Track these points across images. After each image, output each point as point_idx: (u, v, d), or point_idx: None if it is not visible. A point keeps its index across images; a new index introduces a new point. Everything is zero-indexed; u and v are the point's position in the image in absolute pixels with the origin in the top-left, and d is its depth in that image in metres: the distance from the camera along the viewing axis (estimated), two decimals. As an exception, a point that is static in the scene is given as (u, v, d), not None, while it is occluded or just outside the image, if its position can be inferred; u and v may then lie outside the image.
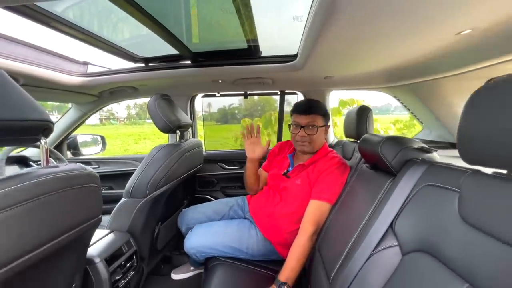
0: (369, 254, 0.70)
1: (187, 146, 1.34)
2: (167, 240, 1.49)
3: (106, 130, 19.30)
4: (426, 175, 0.66)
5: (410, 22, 0.74)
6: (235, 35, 1.19)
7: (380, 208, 0.74)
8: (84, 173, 0.69)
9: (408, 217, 0.65)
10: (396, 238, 0.66)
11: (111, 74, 1.42)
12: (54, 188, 0.59)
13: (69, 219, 0.65)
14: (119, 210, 1.15)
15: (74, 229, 0.67)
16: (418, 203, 0.64)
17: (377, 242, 0.69)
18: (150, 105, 1.23)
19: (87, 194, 0.70)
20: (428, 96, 1.46)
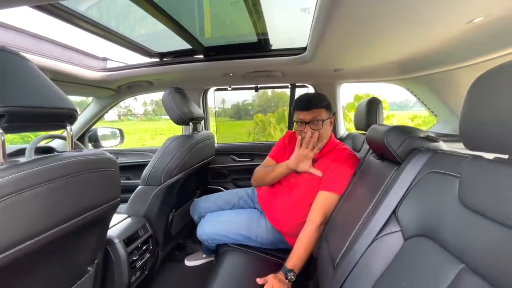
0: (372, 240, 0.72)
1: (199, 137, 1.39)
2: (181, 227, 1.57)
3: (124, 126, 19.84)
4: (430, 162, 0.67)
5: (420, 10, 0.74)
6: (246, 29, 1.22)
7: (384, 196, 0.76)
8: (105, 158, 0.75)
9: (410, 203, 0.67)
10: (399, 224, 0.68)
11: (128, 69, 1.49)
12: (78, 169, 0.65)
13: (91, 199, 0.72)
14: (136, 197, 1.22)
15: (95, 209, 0.73)
16: (420, 190, 0.65)
17: (380, 228, 0.71)
18: (164, 98, 1.29)
19: (107, 177, 0.77)
20: (442, 88, 1.42)
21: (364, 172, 1.01)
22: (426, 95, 1.56)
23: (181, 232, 1.58)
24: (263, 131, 6.61)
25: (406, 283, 0.57)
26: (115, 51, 1.51)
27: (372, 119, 1.23)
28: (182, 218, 1.54)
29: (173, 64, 1.44)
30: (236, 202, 1.50)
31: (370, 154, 1.04)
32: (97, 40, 1.24)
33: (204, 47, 1.29)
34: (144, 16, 1.19)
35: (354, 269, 0.74)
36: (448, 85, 1.38)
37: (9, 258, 0.50)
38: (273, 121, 6.42)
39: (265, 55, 1.35)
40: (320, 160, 1.23)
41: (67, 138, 0.71)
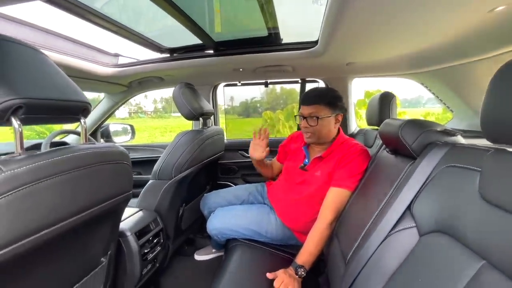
0: (385, 235, 0.70)
1: (209, 133, 1.40)
2: (191, 222, 1.58)
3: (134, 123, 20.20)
4: (448, 156, 0.64)
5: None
6: (256, 23, 1.21)
7: (398, 191, 0.74)
8: (117, 151, 0.76)
9: (426, 198, 0.65)
10: (414, 220, 0.66)
11: (140, 65, 1.51)
12: (92, 161, 0.66)
13: (104, 191, 0.73)
14: (147, 191, 1.24)
15: (108, 200, 0.74)
16: (437, 185, 0.63)
17: (393, 223, 0.69)
18: (175, 93, 1.30)
19: (119, 170, 0.78)
20: (459, 82, 1.37)
21: (377, 168, 0.99)
22: (441, 90, 1.51)
23: (191, 226, 1.60)
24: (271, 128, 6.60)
25: (422, 280, 0.55)
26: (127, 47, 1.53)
27: (385, 114, 1.20)
28: (192, 213, 1.56)
29: (183, 60, 1.44)
30: (246, 197, 1.51)
31: (383, 149, 1.02)
32: (109, 36, 1.26)
33: (215, 42, 1.29)
34: (155, 12, 1.20)
35: (367, 265, 0.72)
36: (465, 79, 1.33)
37: (26, 247, 0.52)
38: (282, 118, 6.40)
39: (276, 49, 1.34)
40: (328, 157, 1.21)
41: (81, 131, 0.72)
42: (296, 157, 1.37)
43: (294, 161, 1.36)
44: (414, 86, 1.63)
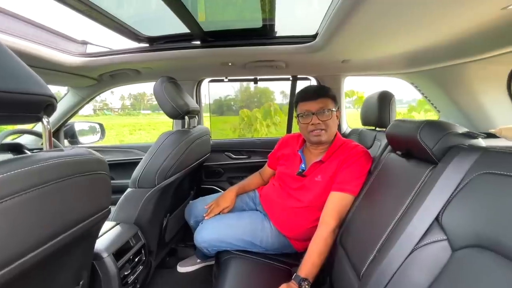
0: (411, 249, 0.63)
1: (196, 133, 1.26)
2: (175, 232, 1.43)
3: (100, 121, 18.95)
4: (481, 162, 0.59)
5: None
6: (251, 12, 1.09)
7: (420, 199, 0.68)
8: (93, 159, 0.61)
9: (459, 209, 0.59)
10: (444, 232, 0.60)
11: (112, 55, 1.31)
12: (61, 174, 0.50)
13: (77, 211, 0.57)
14: (126, 201, 1.07)
15: (82, 223, 0.59)
16: (471, 194, 0.57)
17: (420, 236, 0.63)
18: (156, 88, 1.14)
19: (96, 182, 0.62)
20: (448, 83, 1.39)
21: (385, 171, 0.93)
22: (430, 90, 1.53)
23: (175, 237, 1.44)
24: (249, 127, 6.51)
25: None
26: (97, 34, 1.32)
27: (385, 114, 1.16)
28: (176, 222, 1.40)
29: (164, 51, 1.27)
30: (237, 203, 1.38)
31: (390, 152, 0.97)
32: (76, 20, 1.06)
33: (203, 31, 1.15)
34: (134, -8, 1.04)
35: (391, 283, 0.65)
36: (455, 80, 1.34)
37: None
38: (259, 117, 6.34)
39: (269, 43, 1.23)
40: (328, 161, 1.13)
41: (44, 134, 0.55)
42: (291, 163, 1.25)
43: (289, 167, 1.25)
44: (394, 87, 1.63)
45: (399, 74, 1.57)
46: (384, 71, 1.55)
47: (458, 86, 1.37)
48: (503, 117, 1.34)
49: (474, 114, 1.39)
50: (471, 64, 1.21)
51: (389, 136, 0.92)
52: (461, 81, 1.33)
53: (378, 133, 1.22)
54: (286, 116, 6.32)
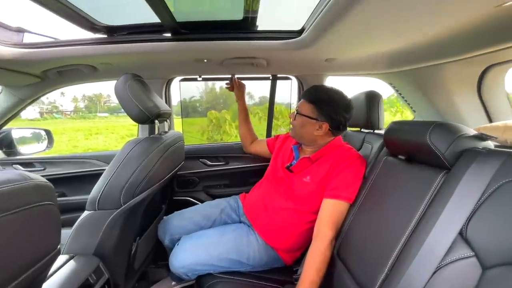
0: (434, 268, 0.56)
1: (169, 139, 1.08)
2: (146, 255, 1.22)
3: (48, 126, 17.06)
4: (506, 169, 0.54)
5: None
6: (232, 3, 0.96)
7: (437, 210, 0.61)
8: (30, 186, 0.42)
9: (487, 220, 0.53)
10: (470, 247, 0.54)
11: (60, 46, 1.07)
12: None
13: (14, 262, 0.39)
14: (82, 227, 0.86)
15: (22, 275, 0.40)
16: (500, 203, 0.52)
17: (444, 252, 0.56)
18: (118, 88, 0.95)
19: (38, 217, 0.44)
20: (425, 83, 1.41)
21: (382, 177, 0.87)
22: (407, 90, 1.55)
23: (145, 260, 1.24)
24: (218, 129, 6.33)
25: None
26: (36, 20, 1.06)
27: (374, 115, 1.12)
28: (147, 244, 1.20)
29: (127, 43, 1.08)
30: (217, 216, 1.24)
31: (387, 155, 0.91)
32: (7, 2, 0.82)
33: (177, 22, 0.98)
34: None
35: (414, 307, 0.58)
36: (432, 80, 1.36)
37: None
38: (228, 118, 6.20)
39: (251, 37, 1.11)
40: (319, 161, 1.06)
41: None
42: (284, 157, 1.20)
43: (280, 160, 1.20)
44: (361, 87, 1.63)
45: (379, 75, 1.56)
46: (365, 71, 1.53)
47: (434, 86, 1.39)
48: (474, 117, 1.40)
49: (449, 114, 1.43)
50: (447, 65, 1.23)
51: (388, 139, 0.86)
52: (437, 81, 1.35)
53: (367, 135, 1.17)
54: (255, 117, 6.22)
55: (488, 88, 1.34)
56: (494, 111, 1.38)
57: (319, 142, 1.09)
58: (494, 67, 1.26)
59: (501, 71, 1.30)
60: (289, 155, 1.19)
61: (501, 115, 1.38)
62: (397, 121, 0.85)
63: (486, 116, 1.41)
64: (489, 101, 1.37)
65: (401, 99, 1.61)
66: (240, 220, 1.25)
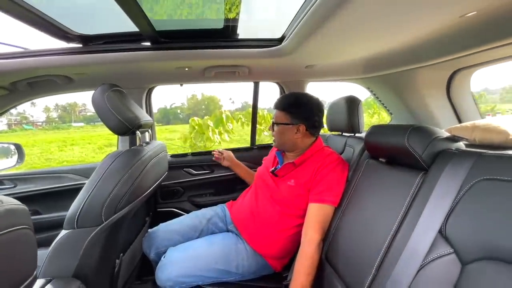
0: (419, 266, 0.59)
1: (151, 151, 1.05)
2: (130, 272, 1.17)
3: (18, 138, 15.96)
4: (478, 168, 0.57)
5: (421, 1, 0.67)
6: (213, 12, 0.96)
7: (417, 210, 0.64)
8: (1, 212, 0.40)
9: (463, 218, 0.56)
10: (450, 244, 0.56)
11: (30, 57, 1.02)
12: None
13: None
14: (59, 248, 0.80)
15: None
16: (474, 201, 0.55)
17: (426, 251, 0.59)
18: (96, 99, 0.91)
19: (12, 243, 0.41)
20: (401, 87, 1.48)
21: (365, 179, 0.90)
22: (384, 94, 1.62)
23: (130, 278, 1.19)
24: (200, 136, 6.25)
25: None
26: (3, 31, 1.01)
27: (354, 119, 1.15)
28: (130, 260, 1.15)
29: (105, 52, 1.04)
30: (204, 226, 1.22)
31: (368, 158, 0.94)
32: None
33: (156, 31, 0.96)
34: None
35: (401, 305, 0.59)
36: (407, 84, 1.44)
37: None
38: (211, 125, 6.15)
39: (232, 46, 1.12)
40: (303, 166, 1.09)
41: None
42: (268, 162, 1.24)
43: (266, 166, 1.23)
44: (337, 91, 1.70)
45: (357, 79, 1.62)
46: (344, 76, 1.59)
47: (408, 89, 1.47)
48: (445, 117, 1.49)
49: (423, 116, 1.52)
50: (419, 69, 1.30)
51: (368, 143, 0.90)
52: (411, 85, 1.43)
53: (349, 138, 1.20)
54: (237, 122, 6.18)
55: (456, 90, 1.44)
56: (462, 111, 1.48)
57: (301, 146, 1.12)
58: (460, 71, 1.35)
59: (467, 75, 1.40)
60: (273, 160, 1.20)
61: (468, 114, 1.48)
62: (376, 125, 0.89)
63: (455, 116, 1.50)
64: (457, 102, 1.47)
65: (378, 102, 1.68)
66: (228, 229, 1.23)
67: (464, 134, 1.08)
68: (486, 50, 0.99)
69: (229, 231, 1.22)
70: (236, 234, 1.16)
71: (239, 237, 1.14)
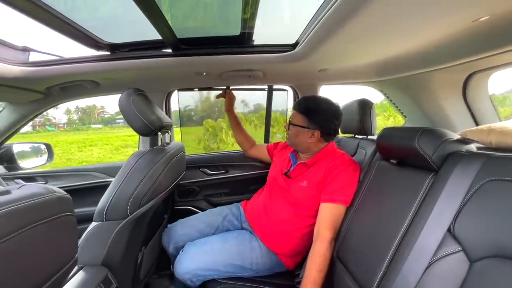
0: (427, 264, 0.61)
1: (172, 151, 1.12)
2: (150, 265, 1.24)
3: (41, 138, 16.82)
4: (487, 168, 0.59)
5: (434, 5, 0.69)
6: (230, 19, 1.02)
7: (426, 209, 0.66)
8: (54, 198, 0.46)
9: (471, 217, 0.58)
10: (458, 243, 0.58)
11: (64, 64, 1.11)
12: (16, 226, 0.36)
13: (38, 271, 0.42)
14: (90, 238, 0.88)
15: (45, 284, 0.44)
16: (483, 201, 0.57)
17: (434, 249, 0.61)
18: (122, 102, 0.99)
19: (60, 228, 0.47)
20: (415, 90, 1.48)
21: (377, 180, 0.92)
22: (398, 97, 1.62)
23: (150, 270, 1.26)
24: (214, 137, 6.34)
25: None
26: (41, 39, 1.11)
27: (366, 122, 1.17)
28: (151, 254, 1.22)
29: (131, 59, 1.12)
30: (220, 223, 1.27)
31: (380, 159, 0.96)
32: (14, 23, 0.87)
33: (177, 38, 1.03)
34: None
35: (410, 301, 0.62)
36: (421, 87, 1.44)
37: None
38: (225, 127, 6.24)
39: (248, 52, 1.17)
40: (315, 166, 1.12)
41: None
42: (281, 163, 1.27)
43: (279, 167, 1.25)
44: (354, 94, 1.71)
45: (370, 83, 1.64)
46: (357, 80, 1.61)
47: (423, 92, 1.47)
48: (461, 120, 1.47)
49: (438, 119, 1.51)
50: (433, 72, 1.30)
51: (380, 144, 0.92)
52: (426, 88, 1.43)
53: (361, 140, 1.23)
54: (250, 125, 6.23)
55: (472, 93, 1.42)
56: (480, 114, 1.46)
57: (313, 149, 1.15)
58: (476, 74, 1.34)
59: (484, 77, 1.38)
60: (287, 162, 1.24)
61: (486, 117, 1.46)
62: (388, 128, 0.91)
63: (472, 119, 1.48)
64: (474, 105, 1.45)
65: (393, 105, 1.69)
66: (242, 227, 1.28)
67: (479, 137, 1.07)
68: (501, 53, 0.99)
69: (244, 229, 1.26)
70: (250, 232, 1.21)
71: (253, 235, 1.18)
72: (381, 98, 1.87)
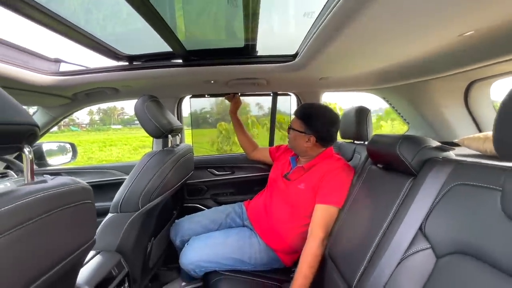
0: (399, 259, 0.67)
1: (180, 151, 1.23)
2: (159, 256, 1.36)
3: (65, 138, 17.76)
4: (455, 174, 0.65)
5: (428, 17, 0.73)
6: (234, 32, 1.12)
7: (404, 210, 0.72)
8: (79, 188, 0.57)
9: (440, 218, 0.64)
10: (428, 241, 0.64)
11: (89, 73, 1.26)
12: (47, 208, 0.47)
13: (64, 246, 0.53)
14: (106, 227, 1.01)
15: (69, 257, 0.55)
16: (450, 203, 0.63)
17: (406, 246, 0.67)
18: (137, 107, 1.11)
19: (82, 212, 0.59)
20: (416, 97, 1.52)
21: (368, 183, 0.98)
22: (400, 104, 1.65)
23: (158, 261, 1.37)
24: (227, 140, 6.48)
25: None
26: (71, 51, 1.26)
27: (362, 128, 1.23)
28: (160, 246, 1.34)
29: (146, 69, 1.25)
30: (223, 220, 1.37)
31: (371, 164, 1.02)
32: (48, 38, 1.01)
33: (186, 50, 1.15)
34: (114, 13, 1.02)
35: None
36: (422, 95, 1.47)
37: None
38: (237, 130, 6.29)
39: (251, 62, 1.27)
40: (312, 170, 1.19)
41: (25, 165, 0.52)
42: (281, 166, 1.35)
43: (279, 170, 1.34)
44: (354, 98, 1.75)
45: (372, 90, 1.68)
46: (358, 87, 1.66)
47: (423, 100, 1.50)
48: (464, 127, 1.49)
49: (439, 126, 1.53)
50: (434, 80, 1.33)
51: (369, 150, 0.98)
52: (426, 95, 1.46)
53: (357, 146, 1.28)
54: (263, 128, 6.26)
55: (474, 101, 1.44)
56: (482, 122, 1.47)
57: (310, 153, 1.22)
58: (477, 82, 1.36)
59: (485, 85, 1.40)
60: (287, 165, 1.32)
61: (489, 125, 1.47)
62: (377, 134, 0.97)
63: (476, 126, 1.50)
64: (477, 113, 1.46)
65: (395, 111, 1.72)
66: (244, 224, 1.37)
67: (476, 145, 1.10)
68: (501, 62, 1.02)
69: (245, 226, 1.35)
70: (251, 229, 1.29)
71: (253, 232, 1.27)
72: (387, 105, 1.90)
